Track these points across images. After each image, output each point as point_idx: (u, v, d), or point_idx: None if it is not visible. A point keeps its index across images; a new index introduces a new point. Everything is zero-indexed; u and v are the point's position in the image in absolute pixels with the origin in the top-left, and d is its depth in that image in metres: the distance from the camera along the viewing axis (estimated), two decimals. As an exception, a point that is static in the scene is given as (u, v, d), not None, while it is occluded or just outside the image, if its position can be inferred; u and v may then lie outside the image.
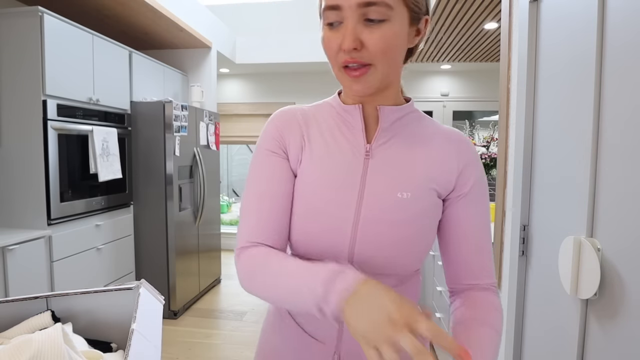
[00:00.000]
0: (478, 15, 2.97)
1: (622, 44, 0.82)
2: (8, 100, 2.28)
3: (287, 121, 0.72)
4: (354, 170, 0.67)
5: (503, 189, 1.47)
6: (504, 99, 1.46)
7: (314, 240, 0.68)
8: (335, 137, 0.70)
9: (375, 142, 0.68)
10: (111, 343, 0.77)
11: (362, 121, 0.69)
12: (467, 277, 0.70)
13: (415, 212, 0.65)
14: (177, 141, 3.14)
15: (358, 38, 0.58)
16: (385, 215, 0.65)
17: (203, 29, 3.83)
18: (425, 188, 0.66)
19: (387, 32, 0.59)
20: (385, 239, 0.65)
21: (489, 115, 5.47)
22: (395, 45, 0.61)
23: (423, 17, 0.64)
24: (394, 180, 0.66)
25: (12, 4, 2.64)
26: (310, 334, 0.71)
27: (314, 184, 0.68)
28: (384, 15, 0.58)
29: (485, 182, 0.71)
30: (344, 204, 0.66)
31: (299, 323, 0.73)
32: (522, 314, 1.31)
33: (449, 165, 0.67)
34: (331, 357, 0.69)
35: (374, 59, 0.60)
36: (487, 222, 0.70)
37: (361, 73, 0.61)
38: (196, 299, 3.57)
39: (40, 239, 2.26)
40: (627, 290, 0.79)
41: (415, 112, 0.72)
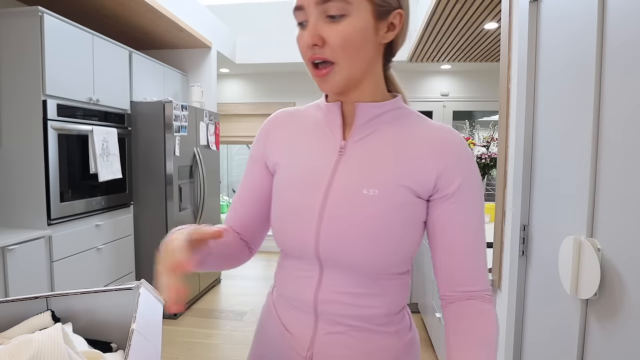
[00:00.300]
0: (478, 15, 2.97)
1: (622, 44, 0.82)
2: (8, 100, 2.28)
3: (273, 126, 0.77)
4: (324, 168, 0.68)
5: (503, 189, 1.47)
6: (504, 99, 1.46)
7: (287, 237, 0.70)
8: (316, 136, 0.72)
9: (351, 139, 0.69)
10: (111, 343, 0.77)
11: (341, 118, 0.70)
12: (458, 284, 0.67)
13: (382, 210, 0.64)
14: (177, 141, 3.14)
15: (318, 34, 0.60)
16: (349, 211, 0.65)
17: (203, 29, 3.83)
18: (395, 185, 0.64)
19: (346, 27, 0.59)
20: (349, 235, 0.64)
21: (489, 115, 5.47)
22: (358, 41, 0.60)
23: (394, 11, 0.63)
24: (361, 177, 0.66)
25: (12, 4, 2.64)
26: (288, 329, 0.73)
27: (286, 182, 0.71)
28: (342, 10, 0.59)
29: (477, 184, 0.67)
30: (310, 200, 0.67)
31: (280, 317, 0.75)
32: (522, 314, 1.31)
33: (427, 165, 0.65)
34: (305, 352, 0.70)
35: (335, 56, 0.61)
36: (478, 225, 0.67)
37: (326, 72, 0.62)
38: (196, 299, 3.57)
39: (40, 239, 2.26)
40: (627, 290, 0.79)
41: (400, 109, 0.70)
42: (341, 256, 0.66)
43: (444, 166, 0.65)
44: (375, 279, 0.68)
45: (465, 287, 0.67)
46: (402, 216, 0.65)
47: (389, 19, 0.63)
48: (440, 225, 0.67)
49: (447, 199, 0.65)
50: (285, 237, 0.70)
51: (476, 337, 0.63)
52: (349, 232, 0.65)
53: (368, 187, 0.65)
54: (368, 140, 0.68)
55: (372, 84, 0.68)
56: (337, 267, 0.67)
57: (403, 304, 0.73)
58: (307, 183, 0.68)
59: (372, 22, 0.61)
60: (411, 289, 3.31)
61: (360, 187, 0.65)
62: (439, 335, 2.46)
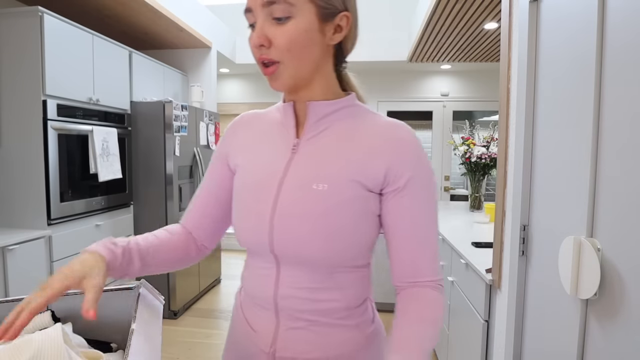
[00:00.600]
0: (478, 15, 2.97)
1: (622, 44, 0.82)
2: (8, 100, 2.28)
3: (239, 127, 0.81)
4: (277, 166, 0.70)
5: (503, 189, 1.47)
6: (504, 99, 1.46)
7: (244, 235, 0.73)
8: (273, 136, 0.75)
9: (304, 136, 0.71)
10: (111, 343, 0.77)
11: (293, 117, 0.72)
12: (409, 275, 0.69)
13: (333, 204, 0.65)
14: (177, 141, 3.14)
15: (264, 35, 0.62)
16: (299, 206, 0.66)
17: (203, 29, 3.83)
18: (346, 181, 0.66)
19: (290, 28, 0.61)
20: (301, 230, 0.66)
21: (489, 115, 5.47)
22: (302, 41, 0.62)
23: (340, 14, 0.65)
24: (312, 173, 0.67)
25: (12, 4, 2.64)
26: (252, 327, 0.76)
27: (244, 182, 0.74)
28: (287, 12, 0.61)
29: (427, 178, 0.69)
30: (263, 197, 0.69)
31: (245, 316, 0.78)
32: (522, 314, 1.31)
33: (377, 159, 0.67)
34: (268, 349, 0.72)
35: (281, 56, 0.63)
36: (428, 218, 0.68)
37: (272, 70, 0.64)
38: (196, 299, 3.57)
39: (40, 239, 2.26)
40: (627, 290, 0.79)
41: (353, 107, 0.72)
42: (295, 251, 0.67)
43: (393, 160, 0.66)
44: (331, 273, 0.69)
45: (416, 277, 0.69)
46: (354, 210, 0.66)
47: (335, 21, 0.65)
48: (391, 219, 0.68)
49: (397, 193, 0.67)
50: (243, 235, 0.73)
51: (420, 318, 0.65)
52: (301, 228, 0.66)
53: (318, 182, 0.66)
54: (320, 138, 0.70)
55: (322, 83, 0.70)
56: (293, 263, 0.69)
57: (364, 297, 0.74)
58: (262, 181, 0.71)
59: (317, 24, 0.63)
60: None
61: (311, 182, 0.67)
62: (439, 335, 2.46)
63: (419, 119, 5.54)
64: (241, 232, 0.73)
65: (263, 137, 0.76)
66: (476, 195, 3.29)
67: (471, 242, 2.06)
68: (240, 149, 0.78)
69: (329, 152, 0.68)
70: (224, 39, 4.44)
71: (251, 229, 0.71)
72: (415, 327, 0.64)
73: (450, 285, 2.16)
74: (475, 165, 3.20)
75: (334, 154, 0.68)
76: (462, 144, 3.32)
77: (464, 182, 5.56)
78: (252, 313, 0.76)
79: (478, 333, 1.64)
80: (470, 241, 2.08)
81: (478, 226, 2.60)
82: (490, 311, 1.59)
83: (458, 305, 2.00)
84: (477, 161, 3.17)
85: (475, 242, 2.03)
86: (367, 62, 4.75)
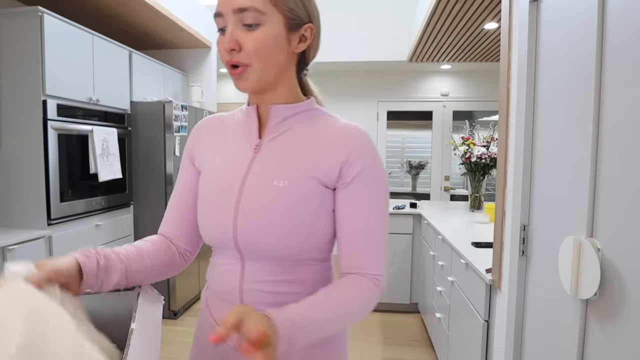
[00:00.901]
0: (478, 15, 2.97)
1: (622, 44, 0.82)
2: (8, 101, 2.28)
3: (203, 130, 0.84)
4: (240, 165, 0.75)
5: (503, 189, 1.47)
6: (504, 99, 1.46)
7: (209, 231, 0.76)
8: (237, 137, 0.79)
9: (266, 137, 0.75)
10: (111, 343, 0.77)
11: (257, 119, 0.77)
12: (351, 266, 0.72)
13: (292, 199, 0.69)
14: (177, 141, 3.14)
15: (235, 40, 0.66)
16: (261, 202, 0.70)
17: (203, 29, 3.83)
18: (306, 177, 0.70)
19: (260, 34, 0.66)
20: (263, 225, 0.70)
21: (489, 115, 5.47)
22: (270, 47, 0.67)
23: (305, 25, 0.71)
24: (272, 170, 0.72)
25: (12, 4, 2.64)
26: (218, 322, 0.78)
27: (208, 181, 0.77)
28: (257, 19, 0.65)
29: (376, 174, 0.72)
30: (228, 194, 0.73)
31: (211, 313, 0.81)
32: (522, 314, 1.31)
33: (333, 157, 0.71)
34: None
35: (249, 59, 0.67)
36: (375, 212, 0.72)
37: (240, 72, 0.68)
38: (196, 299, 3.57)
39: (40, 239, 2.26)
40: (627, 290, 0.79)
41: (312, 110, 0.77)
42: (258, 245, 0.71)
43: (347, 156, 0.71)
44: (294, 267, 0.73)
45: (358, 269, 0.72)
46: (312, 206, 0.70)
47: (300, 31, 0.71)
48: (340, 211, 0.72)
49: (346, 186, 0.71)
50: (209, 231, 0.76)
51: (340, 300, 0.67)
52: (263, 223, 0.70)
53: (279, 179, 0.71)
54: (281, 138, 0.74)
55: (286, 88, 0.75)
56: (257, 257, 0.73)
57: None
58: (226, 180, 0.75)
59: (284, 33, 0.69)
60: (411, 288, 3.31)
61: (272, 179, 0.71)
62: (439, 335, 2.46)
63: (419, 119, 5.54)
64: (207, 228, 0.77)
65: (227, 138, 0.80)
66: (476, 195, 3.29)
67: (471, 242, 2.06)
68: (205, 150, 0.81)
69: (290, 151, 0.73)
70: (224, 39, 4.44)
71: (216, 225, 0.74)
72: (328, 304, 0.66)
73: (450, 285, 2.16)
74: (475, 165, 3.20)
75: (294, 153, 0.72)
76: (462, 144, 3.32)
77: (464, 182, 5.56)
78: (217, 308, 0.79)
79: (478, 333, 1.64)
80: (470, 241, 2.08)
81: (478, 226, 2.60)
82: (490, 311, 1.59)
83: (458, 305, 2.00)
84: (477, 161, 3.17)
85: (475, 242, 2.03)
86: (367, 62, 4.75)
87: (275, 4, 0.67)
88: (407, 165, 5.65)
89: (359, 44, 4.68)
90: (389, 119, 5.40)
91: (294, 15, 0.69)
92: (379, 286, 0.71)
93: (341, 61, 4.72)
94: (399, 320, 3.22)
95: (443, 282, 2.35)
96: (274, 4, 0.66)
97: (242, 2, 0.65)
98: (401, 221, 3.27)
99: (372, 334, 2.97)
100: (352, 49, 4.68)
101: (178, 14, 3.30)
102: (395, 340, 2.87)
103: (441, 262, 2.41)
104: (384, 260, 0.73)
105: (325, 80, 5.36)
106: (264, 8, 0.66)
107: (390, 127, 5.45)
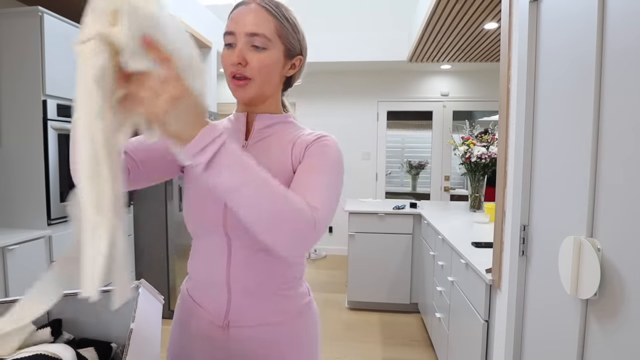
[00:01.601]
0: (478, 15, 2.97)
1: (622, 44, 0.82)
2: (8, 100, 2.28)
3: None
4: None
5: (503, 189, 1.47)
6: (504, 99, 1.46)
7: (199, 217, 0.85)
8: None
9: (251, 139, 0.88)
10: (111, 343, 0.77)
11: (245, 125, 0.89)
12: None
13: None
14: (177, 141, 3.14)
15: (243, 56, 0.79)
16: None
17: (203, 29, 3.83)
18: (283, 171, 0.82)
19: (265, 56, 0.80)
20: None
21: (489, 115, 5.47)
22: (271, 68, 0.82)
23: (297, 56, 0.87)
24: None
25: (12, 4, 2.64)
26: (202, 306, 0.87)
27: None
28: (264, 44, 0.80)
29: (328, 152, 0.81)
30: None
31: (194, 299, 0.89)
32: (522, 314, 1.31)
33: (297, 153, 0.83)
34: (221, 322, 0.84)
35: (253, 74, 0.80)
36: (316, 168, 0.79)
37: (243, 84, 0.81)
38: (196, 299, 3.58)
39: (40, 239, 2.26)
40: (627, 290, 0.79)
41: (287, 122, 0.90)
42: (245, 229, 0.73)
43: (306, 151, 0.83)
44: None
45: None
46: None
47: (293, 60, 0.87)
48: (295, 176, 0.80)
49: (303, 160, 0.82)
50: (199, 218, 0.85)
51: (275, 181, 0.68)
52: None
53: None
54: (264, 141, 0.87)
55: (272, 102, 0.90)
56: (243, 241, 0.81)
57: (301, 272, 0.91)
58: None
59: (282, 59, 0.84)
60: (411, 288, 3.31)
61: None
62: (439, 335, 2.46)
63: (419, 119, 5.54)
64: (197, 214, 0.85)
65: None
66: (476, 195, 3.29)
67: (471, 242, 2.06)
68: None
69: (271, 151, 0.85)
70: (224, 39, 4.44)
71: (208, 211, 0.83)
72: (265, 174, 0.67)
73: (450, 285, 2.16)
74: (475, 165, 3.20)
75: (274, 152, 0.85)
76: (462, 144, 3.32)
77: (464, 182, 5.56)
78: (201, 295, 0.88)
79: (478, 333, 1.64)
80: (470, 241, 2.08)
81: (478, 226, 2.60)
82: (490, 311, 1.59)
83: (458, 305, 2.00)
84: (477, 161, 3.17)
85: (475, 242, 2.03)
86: (367, 62, 4.75)
87: (280, 36, 0.82)
88: (407, 165, 5.65)
89: (359, 43, 4.67)
90: (389, 119, 5.39)
91: (291, 47, 0.85)
92: (312, 215, 0.69)
93: (341, 61, 4.72)
94: (399, 320, 3.22)
95: (443, 282, 2.35)
96: (279, 35, 0.81)
97: (255, 29, 0.79)
98: (401, 221, 3.27)
99: (372, 334, 2.97)
100: (352, 49, 4.68)
101: (178, 14, 3.29)
102: (395, 340, 2.87)
103: (441, 262, 2.41)
104: (327, 209, 0.74)
105: (325, 80, 5.36)
106: (271, 36, 0.80)
107: (390, 127, 5.45)
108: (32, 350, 0.61)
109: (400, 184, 5.81)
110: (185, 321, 0.90)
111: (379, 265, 3.32)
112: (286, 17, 0.84)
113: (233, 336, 0.84)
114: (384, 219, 3.29)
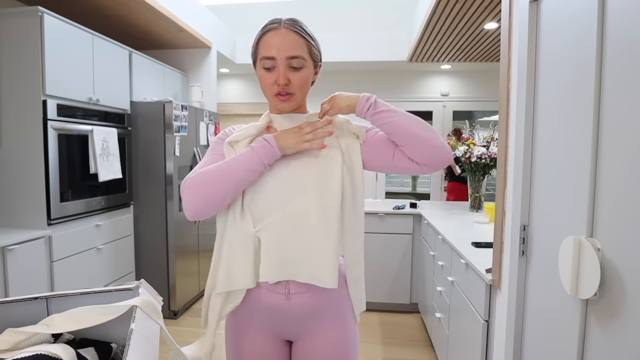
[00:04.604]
0: (478, 15, 2.97)
1: (622, 44, 0.82)
2: (8, 100, 2.28)
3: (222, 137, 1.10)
4: None
5: (503, 189, 1.47)
6: (504, 99, 1.46)
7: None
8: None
9: None
10: (111, 343, 0.77)
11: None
12: None
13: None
14: (177, 141, 3.14)
15: (287, 77, 0.98)
16: None
17: (203, 29, 3.83)
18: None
19: (303, 75, 1.00)
20: None
21: (489, 115, 5.47)
22: (307, 82, 1.02)
23: (319, 64, 1.06)
24: None
25: (12, 4, 2.64)
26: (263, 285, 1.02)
27: None
28: (301, 64, 0.98)
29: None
30: None
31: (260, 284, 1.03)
32: (522, 314, 1.31)
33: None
34: (283, 290, 1.00)
35: (295, 90, 1.00)
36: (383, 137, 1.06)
37: (287, 99, 1.01)
38: (196, 299, 3.57)
39: (40, 239, 2.26)
40: (627, 290, 0.79)
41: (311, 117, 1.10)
42: None
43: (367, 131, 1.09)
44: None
45: None
46: None
47: (317, 69, 1.06)
48: None
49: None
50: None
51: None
52: None
53: None
54: None
55: (303, 105, 1.10)
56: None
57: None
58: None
59: (312, 71, 1.03)
60: (411, 288, 3.31)
61: None
62: (439, 335, 2.46)
63: (419, 119, 5.54)
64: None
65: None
66: (476, 195, 3.29)
67: (471, 242, 2.06)
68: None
69: None
70: (224, 39, 4.44)
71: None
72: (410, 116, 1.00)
73: (450, 285, 2.16)
74: (475, 165, 3.20)
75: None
76: (462, 144, 3.31)
77: (464, 182, 5.55)
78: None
79: (478, 333, 1.64)
80: (470, 241, 2.08)
81: (478, 226, 2.60)
82: (490, 311, 1.59)
83: (458, 305, 2.00)
84: (477, 161, 3.17)
85: (475, 242, 2.03)
86: (367, 62, 4.75)
87: (310, 54, 1.00)
88: (407, 165, 5.64)
89: (359, 43, 4.67)
90: (389, 119, 5.38)
91: (317, 59, 1.04)
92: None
93: (341, 61, 4.72)
94: (399, 320, 3.22)
95: (443, 282, 2.35)
96: (310, 54, 1.00)
97: (295, 52, 0.96)
98: (401, 221, 3.27)
99: (372, 334, 2.97)
100: (352, 49, 4.68)
101: (178, 14, 3.30)
102: (395, 340, 2.87)
103: (441, 262, 2.41)
104: None
105: (325, 79, 5.34)
106: (306, 57, 0.99)
107: (390, 127, 5.44)
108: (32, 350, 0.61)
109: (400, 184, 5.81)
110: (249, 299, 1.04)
111: (379, 265, 3.32)
112: (309, 34, 1.01)
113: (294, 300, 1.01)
114: (384, 219, 3.29)
